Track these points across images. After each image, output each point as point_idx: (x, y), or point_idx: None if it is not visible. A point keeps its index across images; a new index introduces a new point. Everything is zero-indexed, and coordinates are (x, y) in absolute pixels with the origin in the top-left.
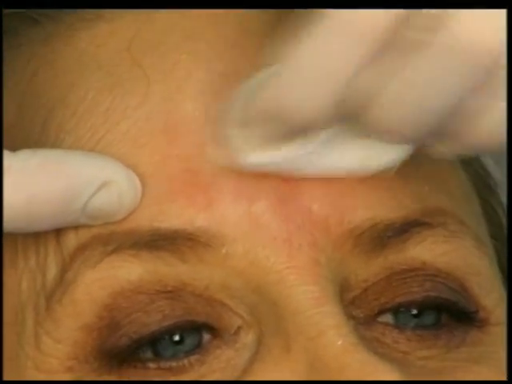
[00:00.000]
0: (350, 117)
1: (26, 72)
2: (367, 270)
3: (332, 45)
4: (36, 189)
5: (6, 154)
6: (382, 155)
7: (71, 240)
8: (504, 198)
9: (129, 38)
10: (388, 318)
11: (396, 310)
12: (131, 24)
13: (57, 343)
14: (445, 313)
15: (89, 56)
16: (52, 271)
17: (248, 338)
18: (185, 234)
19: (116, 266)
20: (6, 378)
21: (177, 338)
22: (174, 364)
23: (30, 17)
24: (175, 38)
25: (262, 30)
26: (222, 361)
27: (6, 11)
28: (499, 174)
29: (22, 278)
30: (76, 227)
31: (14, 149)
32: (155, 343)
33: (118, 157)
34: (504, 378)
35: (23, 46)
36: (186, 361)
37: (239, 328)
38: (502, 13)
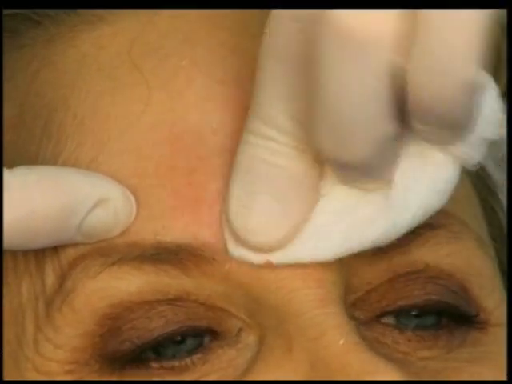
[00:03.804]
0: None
1: (27, 73)
2: (371, 272)
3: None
4: (34, 206)
5: (4, 171)
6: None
7: (70, 249)
8: (504, 200)
9: (130, 40)
10: (389, 318)
11: (397, 313)
12: (133, 26)
13: (57, 348)
14: (445, 316)
15: (90, 58)
16: (50, 278)
17: (249, 338)
18: (189, 248)
19: (117, 277)
20: (5, 377)
21: (178, 338)
22: (176, 363)
23: (32, 18)
24: (175, 42)
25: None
26: (224, 360)
27: (8, 12)
28: (499, 176)
29: (22, 281)
30: None
31: (18, 148)
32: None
33: (123, 167)
34: (504, 378)
35: (25, 47)
36: (188, 360)
37: (240, 330)
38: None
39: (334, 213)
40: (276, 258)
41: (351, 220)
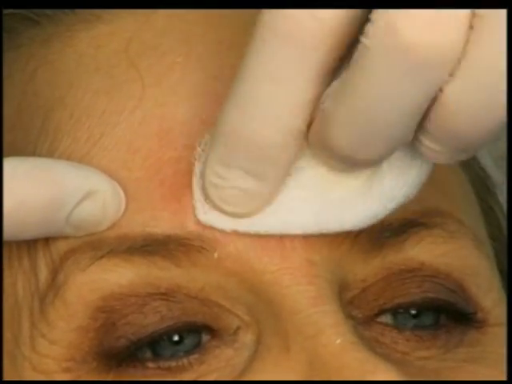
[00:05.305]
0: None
1: (25, 72)
2: (365, 269)
3: (280, 59)
4: (23, 196)
5: None
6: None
7: (61, 242)
8: (504, 199)
9: (127, 39)
10: (387, 318)
11: (395, 311)
12: (130, 26)
13: (52, 344)
14: (443, 314)
15: (87, 57)
16: (43, 273)
17: (247, 337)
18: (177, 238)
19: (107, 269)
20: (4, 377)
21: (176, 338)
22: (173, 364)
23: (29, 17)
24: (172, 41)
25: None
26: (222, 360)
27: (5, 11)
28: (499, 176)
29: (17, 279)
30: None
31: (15, 148)
32: (154, 343)
33: (113, 160)
34: (502, 377)
35: (23, 47)
36: (185, 360)
37: (238, 328)
38: (454, 13)
39: (307, 189)
40: (242, 226)
41: (325, 199)
